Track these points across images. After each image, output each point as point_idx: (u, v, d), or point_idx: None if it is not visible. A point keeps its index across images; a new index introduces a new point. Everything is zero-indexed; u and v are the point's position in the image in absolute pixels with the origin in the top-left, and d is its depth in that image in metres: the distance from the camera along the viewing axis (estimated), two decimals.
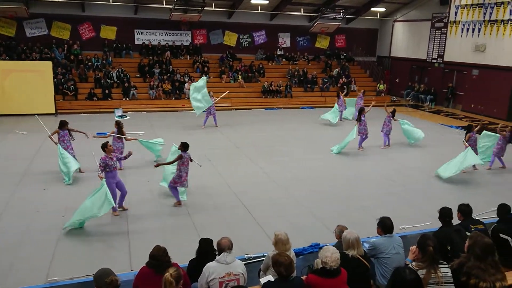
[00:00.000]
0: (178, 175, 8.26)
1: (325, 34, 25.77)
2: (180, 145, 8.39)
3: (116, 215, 7.97)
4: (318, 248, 6.55)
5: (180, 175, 8.26)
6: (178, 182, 8.31)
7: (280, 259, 4.05)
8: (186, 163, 8.26)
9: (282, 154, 12.60)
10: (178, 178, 8.27)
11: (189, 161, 8.35)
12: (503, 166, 11.68)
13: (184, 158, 8.24)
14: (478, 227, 5.51)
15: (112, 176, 7.86)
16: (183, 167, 8.24)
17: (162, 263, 4.28)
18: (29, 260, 6.38)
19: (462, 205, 5.88)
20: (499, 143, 11.47)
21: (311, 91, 23.23)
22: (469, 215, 5.77)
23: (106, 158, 7.78)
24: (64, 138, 10.20)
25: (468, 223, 5.61)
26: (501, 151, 11.54)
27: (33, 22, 20.65)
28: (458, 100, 22.06)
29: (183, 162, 8.22)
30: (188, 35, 23.57)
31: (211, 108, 15.69)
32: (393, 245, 4.96)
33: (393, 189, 9.88)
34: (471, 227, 5.45)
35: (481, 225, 5.66)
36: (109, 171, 7.81)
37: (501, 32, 19.14)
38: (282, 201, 9.00)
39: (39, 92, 17.14)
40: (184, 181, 8.35)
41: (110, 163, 7.79)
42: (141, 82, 20.91)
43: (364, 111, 13.27)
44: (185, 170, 8.30)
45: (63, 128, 10.22)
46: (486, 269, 3.83)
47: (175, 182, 8.31)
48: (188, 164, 8.35)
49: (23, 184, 9.53)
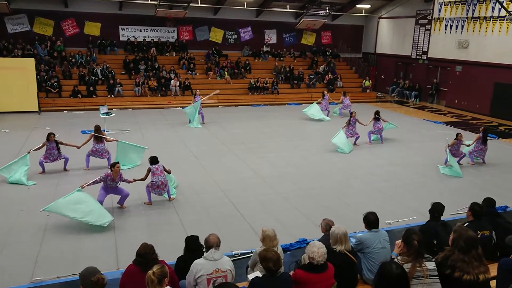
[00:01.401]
0: (151, 183, 8.31)
1: (311, 30, 25.84)
2: (149, 159, 8.48)
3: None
4: (305, 244, 6.58)
5: (153, 184, 8.30)
6: (152, 190, 8.37)
7: (267, 255, 4.07)
8: (157, 173, 8.30)
9: (268, 150, 12.62)
10: (151, 186, 8.33)
11: (160, 171, 8.35)
12: (472, 163, 11.82)
13: (153, 169, 8.31)
14: (484, 233, 5.30)
15: (105, 188, 7.98)
16: (154, 177, 8.29)
17: (149, 260, 4.25)
18: (13, 260, 6.28)
19: (475, 204, 5.53)
20: (477, 145, 11.62)
21: (297, 87, 23.29)
22: (480, 217, 5.48)
23: (109, 176, 7.87)
24: (51, 152, 10.01)
25: (475, 226, 5.26)
26: (482, 152, 11.65)
27: (15, 18, 20.27)
28: (442, 96, 22.37)
29: (153, 173, 8.29)
30: (174, 32, 23.40)
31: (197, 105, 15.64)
32: (379, 240, 5.01)
33: (379, 185, 9.97)
34: (478, 233, 5.15)
35: (488, 231, 5.39)
36: (105, 186, 7.96)
37: (483, 29, 19.43)
38: (269, 197, 9.02)
39: (22, 90, 16.84)
40: (159, 189, 8.35)
41: (109, 182, 7.91)
42: (126, 79, 20.70)
43: (354, 115, 13.30)
44: (160, 179, 8.30)
45: (50, 140, 10.03)
46: (470, 262, 3.89)
47: (151, 188, 8.37)
48: (161, 174, 8.34)
49: (6, 183, 9.36)
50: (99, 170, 9.84)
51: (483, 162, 11.83)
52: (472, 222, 5.46)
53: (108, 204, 8.23)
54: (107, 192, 8.04)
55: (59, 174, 10.04)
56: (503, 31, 18.51)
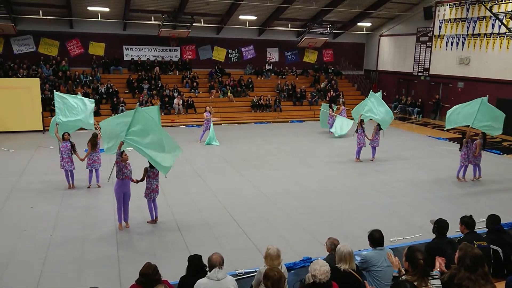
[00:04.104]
0: (150, 188, 8.32)
1: (313, 48, 26.09)
2: None
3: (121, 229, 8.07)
4: (309, 262, 6.51)
5: (147, 188, 8.32)
6: (147, 194, 8.36)
7: (269, 273, 4.00)
8: (152, 176, 8.33)
9: (272, 168, 12.60)
10: (148, 190, 8.32)
11: (156, 174, 8.35)
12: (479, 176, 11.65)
13: (150, 172, 8.31)
14: (481, 243, 5.23)
15: (121, 184, 7.97)
16: (150, 180, 8.32)
17: (152, 280, 4.22)
18: (17, 279, 6.24)
19: (465, 217, 5.56)
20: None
21: (300, 105, 23.40)
22: (473, 228, 5.49)
23: (121, 164, 7.90)
24: (65, 149, 10.21)
25: (471, 237, 5.28)
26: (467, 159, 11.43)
27: (21, 39, 20.60)
28: (445, 112, 22.31)
29: (149, 176, 8.31)
30: (177, 51, 23.68)
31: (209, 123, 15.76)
32: (384, 258, 4.95)
33: (383, 201, 9.92)
34: (474, 243, 5.09)
35: (484, 241, 5.35)
36: (121, 178, 7.94)
37: (484, 45, 19.57)
38: (273, 214, 8.97)
39: (27, 109, 17.00)
40: (154, 192, 8.34)
41: (124, 170, 7.93)
42: (130, 98, 20.86)
43: (363, 122, 13.33)
44: (155, 182, 8.35)
45: (65, 139, 10.27)
46: (476, 280, 3.84)
47: (147, 193, 8.36)
48: (156, 177, 8.35)
49: (10, 202, 9.37)
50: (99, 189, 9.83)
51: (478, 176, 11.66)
52: (467, 234, 5.45)
53: (111, 222, 8.22)
54: (122, 191, 7.99)
55: (63, 193, 10.03)
56: (503, 47, 18.64)
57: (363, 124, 13.26)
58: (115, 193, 8.08)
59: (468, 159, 11.36)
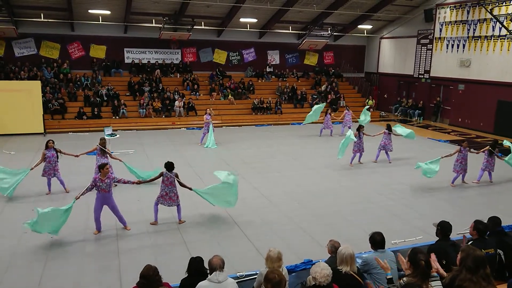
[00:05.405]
0: (160, 193, 8.30)
1: (314, 51, 26.11)
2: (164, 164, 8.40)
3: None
4: (310, 265, 6.49)
5: (161, 194, 8.28)
6: (159, 200, 8.33)
7: (270, 276, 3.99)
8: (166, 182, 8.23)
9: (273, 170, 12.60)
10: (160, 196, 8.30)
11: (171, 181, 8.26)
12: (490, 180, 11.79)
13: (164, 177, 8.23)
14: (489, 251, 5.18)
15: (99, 197, 7.86)
16: (163, 185, 8.26)
17: (153, 282, 4.22)
18: (17, 282, 6.23)
19: (479, 223, 5.43)
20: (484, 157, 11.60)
21: (300, 107, 23.39)
22: (484, 235, 5.43)
23: (96, 178, 7.82)
24: (51, 159, 10.08)
25: (480, 246, 5.02)
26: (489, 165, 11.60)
27: (22, 42, 20.64)
28: (446, 115, 22.38)
29: (163, 181, 8.22)
30: (178, 53, 23.71)
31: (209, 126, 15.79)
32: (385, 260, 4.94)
33: (385, 204, 9.90)
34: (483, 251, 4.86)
35: (493, 249, 5.31)
36: (97, 191, 7.85)
37: (485, 47, 19.58)
38: (274, 217, 8.96)
39: (28, 112, 17.02)
40: (169, 200, 8.29)
41: (99, 183, 7.78)
42: (131, 100, 20.88)
43: (362, 129, 13.32)
44: (166, 190, 8.25)
45: (49, 147, 10.13)
46: (478, 282, 3.83)
47: (157, 199, 8.34)
48: (171, 184, 8.27)
49: (10, 204, 9.37)
50: None
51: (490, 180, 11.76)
52: (476, 240, 5.37)
53: (112, 225, 8.22)
54: (101, 202, 7.86)
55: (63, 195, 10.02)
56: (504, 49, 18.64)
57: (362, 130, 13.24)
58: (95, 205, 7.89)
59: (462, 167, 11.35)
